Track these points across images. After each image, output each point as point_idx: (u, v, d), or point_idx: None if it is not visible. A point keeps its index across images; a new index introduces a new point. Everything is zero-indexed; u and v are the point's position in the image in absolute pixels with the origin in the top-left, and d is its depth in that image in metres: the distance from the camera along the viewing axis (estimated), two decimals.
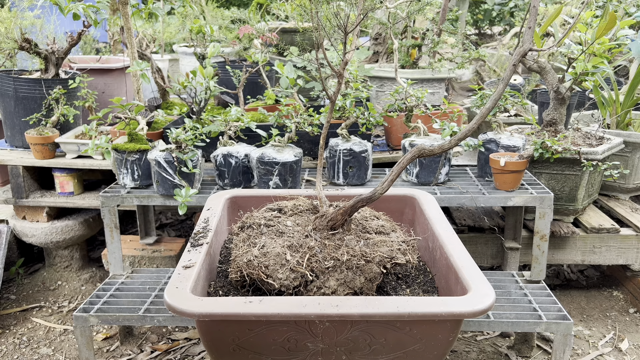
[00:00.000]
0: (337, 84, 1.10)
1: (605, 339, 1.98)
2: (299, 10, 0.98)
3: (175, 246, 2.25)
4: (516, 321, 1.63)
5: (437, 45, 2.82)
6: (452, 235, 1.08)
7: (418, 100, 1.98)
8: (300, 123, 1.87)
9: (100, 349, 1.95)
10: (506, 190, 1.84)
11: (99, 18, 2.22)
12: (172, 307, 0.84)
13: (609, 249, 2.09)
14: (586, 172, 1.95)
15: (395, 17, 2.30)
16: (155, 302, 1.74)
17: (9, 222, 2.34)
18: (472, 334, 2.01)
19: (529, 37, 1.02)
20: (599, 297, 2.28)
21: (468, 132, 1.01)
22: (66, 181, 2.27)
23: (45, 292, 2.35)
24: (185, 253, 1.05)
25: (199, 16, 4.26)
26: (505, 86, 1.02)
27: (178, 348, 1.95)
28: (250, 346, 0.87)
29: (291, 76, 1.99)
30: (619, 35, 1.96)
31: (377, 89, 2.85)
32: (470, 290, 0.87)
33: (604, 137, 2.10)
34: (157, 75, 2.67)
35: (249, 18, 3.37)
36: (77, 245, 2.43)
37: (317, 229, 1.07)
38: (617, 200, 2.34)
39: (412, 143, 1.89)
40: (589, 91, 2.59)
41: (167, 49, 4.64)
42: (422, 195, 1.31)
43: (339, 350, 0.87)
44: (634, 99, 2.35)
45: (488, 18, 5.35)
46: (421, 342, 0.86)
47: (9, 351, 1.95)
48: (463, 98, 3.71)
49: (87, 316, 1.66)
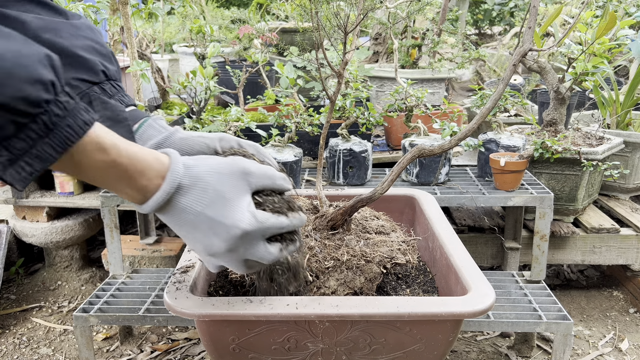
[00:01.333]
0: (337, 84, 1.10)
1: (606, 339, 1.98)
2: (299, 10, 0.98)
3: (175, 246, 2.25)
4: (516, 321, 1.63)
5: (437, 45, 2.82)
6: (452, 235, 1.08)
7: (418, 100, 1.98)
8: (300, 123, 1.87)
9: (100, 349, 1.95)
10: (506, 190, 1.83)
11: (99, 18, 2.22)
12: (172, 307, 0.84)
13: (609, 249, 2.09)
14: (586, 172, 1.95)
15: (395, 17, 2.30)
16: (155, 302, 1.74)
17: (9, 222, 2.34)
18: (472, 334, 2.00)
19: (529, 37, 1.02)
20: (599, 297, 2.28)
21: (468, 132, 1.01)
22: (66, 181, 2.27)
23: (45, 292, 2.35)
24: (185, 253, 1.05)
25: (199, 16, 4.26)
26: (505, 86, 1.02)
27: (178, 348, 1.95)
28: (250, 346, 0.87)
29: (291, 76, 1.99)
30: (619, 35, 1.96)
31: (377, 89, 2.85)
32: (471, 290, 0.87)
33: (604, 137, 2.10)
34: (157, 75, 2.67)
35: (248, 18, 3.37)
36: (77, 245, 2.43)
37: (317, 229, 1.07)
38: (617, 200, 2.34)
39: (412, 143, 1.89)
40: (589, 91, 2.59)
41: (167, 49, 4.64)
42: (422, 195, 1.31)
43: (339, 350, 0.87)
44: (634, 99, 2.35)
45: (488, 18, 5.35)
46: (421, 342, 0.86)
47: (8, 351, 1.95)
48: (463, 98, 3.71)
49: (87, 316, 1.66)
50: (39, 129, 0.57)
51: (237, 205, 0.73)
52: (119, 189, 0.69)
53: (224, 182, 0.73)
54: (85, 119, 0.61)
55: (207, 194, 0.72)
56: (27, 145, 0.57)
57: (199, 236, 0.73)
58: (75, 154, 0.62)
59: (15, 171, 0.57)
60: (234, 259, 0.76)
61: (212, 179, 0.73)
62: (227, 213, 0.72)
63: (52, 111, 0.57)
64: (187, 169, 0.72)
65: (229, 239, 0.72)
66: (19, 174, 0.58)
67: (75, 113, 0.60)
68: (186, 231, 0.74)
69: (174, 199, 0.71)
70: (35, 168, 0.58)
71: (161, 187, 0.70)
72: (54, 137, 0.58)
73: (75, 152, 0.62)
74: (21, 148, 0.57)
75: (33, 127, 0.57)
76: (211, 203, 0.72)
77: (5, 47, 0.55)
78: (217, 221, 0.72)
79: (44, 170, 0.60)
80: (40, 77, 0.56)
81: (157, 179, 0.70)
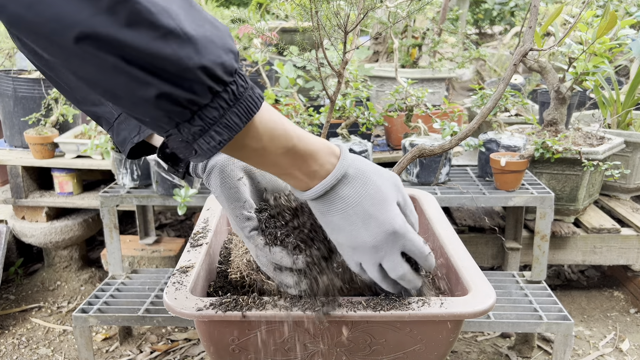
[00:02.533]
0: (337, 84, 1.09)
1: (606, 340, 1.98)
2: (299, 9, 0.98)
3: (175, 246, 2.25)
4: (517, 321, 1.62)
5: (438, 44, 2.82)
6: (452, 236, 1.08)
7: (418, 100, 1.97)
8: (300, 123, 1.87)
9: (100, 350, 1.94)
10: (507, 190, 1.83)
11: None
12: (172, 308, 0.83)
13: (609, 249, 2.09)
14: (587, 172, 1.95)
15: (396, 17, 2.29)
16: (154, 302, 1.74)
17: (8, 222, 2.33)
18: (472, 335, 2.00)
19: (529, 36, 1.02)
20: (599, 297, 2.27)
21: (469, 131, 1.00)
22: (65, 181, 2.27)
23: (44, 292, 2.34)
24: (185, 253, 1.04)
25: None
26: (505, 86, 1.01)
27: (177, 348, 1.94)
28: (250, 347, 0.86)
29: (291, 76, 1.98)
30: (620, 34, 1.95)
31: (377, 88, 2.84)
32: (471, 290, 0.86)
33: (605, 137, 2.09)
34: None
35: (248, 17, 3.37)
36: (77, 245, 2.43)
37: None
38: (618, 200, 2.33)
39: (412, 143, 1.88)
40: (590, 91, 2.59)
41: None
42: (422, 195, 1.30)
43: (339, 350, 0.87)
44: (635, 99, 2.35)
45: (488, 17, 5.35)
46: (422, 342, 0.85)
47: (8, 351, 1.95)
48: (463, 98, 3.70)
49: (86, 316, 1.66)
50: (229, 98, 0.58)
51: (391, 205, 0.75)
52: (287, 170, 0.70)
53: (384, 183, 0.76)
54: (259, 92, 0.63)
55: (368, 187, 0.74)
56: (219, 114, 0.58)
57: (348, 228, 0.74)
58: (251, 129, 0.63)
59: (205, 141, 0.59)
60: (374, 259, 0.76)
61: (374, 177, 0.75)
62: (383, 210, 0.74)
63: (238, 82, 0.59)
64: (353, 161, 0.75)
65: (378, 234, 0.74)
66: (208, 144, 0.59)
67: (252, 86, 0.62)
68: (338, 220, 0.75)
69: (337, 186, 0.73)
70: (224, 137, 0.59)
71: (331, 172, 0.71)
72: (240, 107, 0.60)
73: (252, 127, 0.63)
74: (213, 117, 0.58)
75: (224, 96, 0.58)
76: (370, 197, 0.74)
77: (203, 16, 0.57)
78: (371, 215, 0.73)
79: (229, 141, 0.61)
80: (231, 47, 0.58)
81: (328, 164, 0.72)
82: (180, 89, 0.55)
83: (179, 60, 0.54)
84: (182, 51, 0.54)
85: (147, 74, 0.53)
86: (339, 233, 0.76)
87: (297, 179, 0.72)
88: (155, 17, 0.52)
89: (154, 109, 0.56)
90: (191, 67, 0.54)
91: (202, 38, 0.55)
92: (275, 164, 0.69)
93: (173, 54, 0.53)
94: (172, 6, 0.54)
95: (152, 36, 0.52)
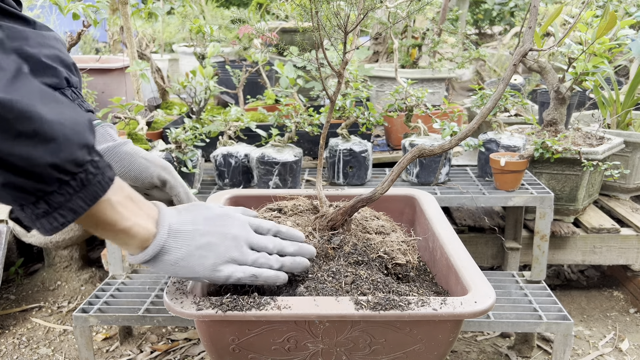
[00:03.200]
0: (337, 84, 1.09)
1: (606, 339, 1.98)
2: (299, 9, 0.98)
3: None
4: (516, 321, 1.63)
5: (437, 45, 2.82)
6: (452, 236, 1.08)
7: (418, 100, 1.97)
8: (300, 123, 1.87)
9: (100, 349, 1.95)
10: (506, 190, 1.83)
11: (98, 18, 2.21)
12: (172, 307, 0.83)
13: (609, 249, 2.09)
14: (586, 172, 1.95)
15: (396, 17, 2.30)
16: (155, 302, 1.74)
17: (9, 222, 2.33)
18: (472, 334, 2.00)
19: (529, 37, 1.02)
20: (599, 297, 2.27)
21: (468, 132, 1.01)
22: None
23: (44, 292, 2.34)
24: None
25: (199, 16, 4.26)
26: (505, 86, 1.02)
27: (178, 348, 1.94)
28: (250, 346, 0.87)
29: (291, 76, 1.99)
30: (620, 35, 1.95)
31: (377, 88, 2.84)
32: (471, 290, 0.87)
33: (605, 137, 2.10)
34: (156, 75, 2.67)
35: (248, 18, 3.37)
36: (77, 245, 2.43)
37: (318, 229, 1.06)
38: (618, 200, 2.34)
39: (412, 143, 1.88)
40: (589, 91, 2.59)
41: (166, 48, 4.63)
42: (422, 195, 1.30)
43: (339, 350, 0.87)
44: (635, 99, 2.35)
45: (488, 18, 5.35)
46: (421, 342, 0.85)
47: (8, 351, 1.95)
48: (463, 98, 3.71)
49: (87, 316, 1.66)
50: (76, 185, 0.64)
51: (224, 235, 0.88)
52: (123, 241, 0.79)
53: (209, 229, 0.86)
54: (110, 175, 0.68)
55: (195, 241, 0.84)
56: (64, 199, 0.63)
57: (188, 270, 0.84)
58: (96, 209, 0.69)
59: (48, 221, 0.64)
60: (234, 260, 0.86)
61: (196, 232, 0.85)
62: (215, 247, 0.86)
63: (88, 170, 0.65)
64: (170, 228, 0.82)
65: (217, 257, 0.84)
66: (51, 224, 0.65)
67: (103, 171, 0.67)
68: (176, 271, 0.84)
69: (158, 256, 0.81)
70: (68, 219, 0.65)
71: (149, 248, 0.80)
72: (86, 192, 0.65)
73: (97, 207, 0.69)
74: (58, 202, 0.63)
75: (72, 183, 0.63)
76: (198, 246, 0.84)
77: (63, 114, 0.61)
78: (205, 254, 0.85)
79: (73, 222, 0.67)
80: (87, 141, 0.64)
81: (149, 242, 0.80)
82: (28, 180, 0.59)
83: (29, 159, 0.57)
84: (35, 152, 0.57)
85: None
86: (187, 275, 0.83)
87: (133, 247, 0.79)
88: (12, 118, 0.55)
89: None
90: (42, 165, 0.59)
91: (61, 136, 0.59)
92: (114, 238, 0.77)
93: (25, 154, 0.57)
94: (35, 104, 0.57)
95: (3, 137, 0.55)
